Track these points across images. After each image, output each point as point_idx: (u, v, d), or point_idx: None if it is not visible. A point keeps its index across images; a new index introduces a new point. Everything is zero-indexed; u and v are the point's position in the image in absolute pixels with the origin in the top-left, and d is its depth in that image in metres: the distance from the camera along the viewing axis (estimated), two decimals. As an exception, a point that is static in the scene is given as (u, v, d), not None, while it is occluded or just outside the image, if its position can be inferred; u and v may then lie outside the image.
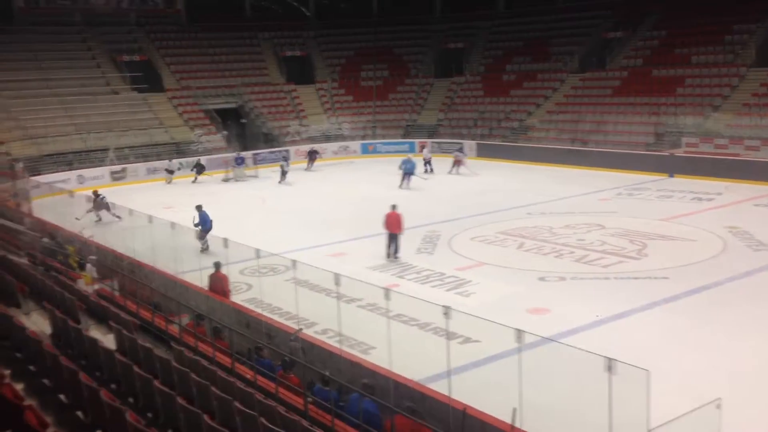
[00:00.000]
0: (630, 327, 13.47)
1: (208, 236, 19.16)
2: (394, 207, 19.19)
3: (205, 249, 18.91)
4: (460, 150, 35.45)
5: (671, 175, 29.87)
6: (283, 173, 32.95)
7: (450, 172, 32.96)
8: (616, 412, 7.64)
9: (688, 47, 36.64)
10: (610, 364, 7.30)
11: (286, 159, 35.16)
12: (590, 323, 13.51)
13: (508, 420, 8.26)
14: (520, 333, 8.32)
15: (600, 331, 13.18)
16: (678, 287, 15.44)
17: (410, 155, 31.67)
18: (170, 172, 34.56)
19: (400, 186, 29.27)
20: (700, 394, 10.13)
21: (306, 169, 36.13)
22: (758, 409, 10.17)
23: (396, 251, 18.76)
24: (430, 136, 41.70)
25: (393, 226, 18.78)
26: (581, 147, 34.60)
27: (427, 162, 34.22)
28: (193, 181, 33.49)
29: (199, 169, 34.54)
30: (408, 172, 29.55)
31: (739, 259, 17.55)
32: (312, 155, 37.29)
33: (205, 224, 20.01)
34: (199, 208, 20.49)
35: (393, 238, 18.77)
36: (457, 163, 33.44)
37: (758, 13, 35.15)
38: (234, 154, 35.71)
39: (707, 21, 36.51)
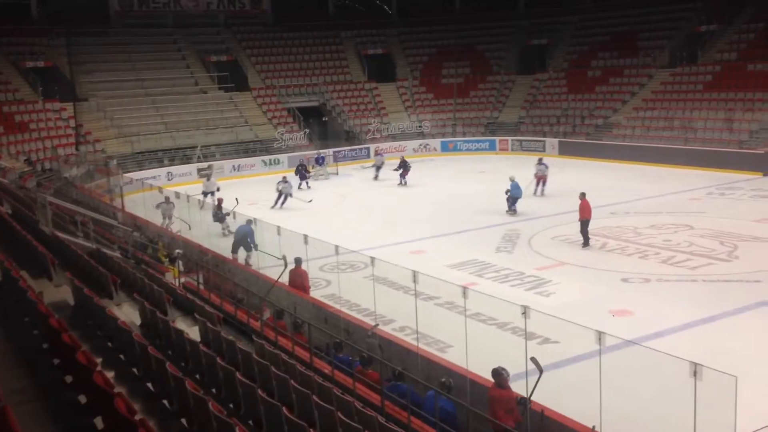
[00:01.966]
0: (719, 331, 12.98)
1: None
2: (584, 195, 19.41)
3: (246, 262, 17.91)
4: (541, 162, 27.78)
5: (766, 174, 28.54)
6: (283, 196, 26.79)
7: (535, 193, 26.50)
8: (702, 419, 7.40)
9: (786, 40, 34.92)
10: (695, 370, 7.09)
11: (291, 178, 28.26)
12: (675, 327, 13.08)
13: (587, 423, 8.11)
14: (601, 335, 8.16)
15: (686, 335, 12.75)
16: (771, 291, 14.78)
17: (514, 176, 24.22)
18: (209, 194, 25.78)
19: (509, 210, 23.84)
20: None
21: (400, 184, 31.17)
22: None
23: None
24: (512, 134, 41.24)
25: (589, 212, 19.24)
26: (669, 145, 33.43)
27: (379, 168, 33.04)
28: (299, 187, 30.32)
29: (303, 172, 31.22)
30: (515, 196, 23.76)
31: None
32: (403, 168, 31.28)
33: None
34: (249, 222, 18.22)
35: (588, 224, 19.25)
36: (541, 180, 27.03)
37: None
38: (315, 154, 36.18)
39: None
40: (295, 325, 11.31)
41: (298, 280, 14.33)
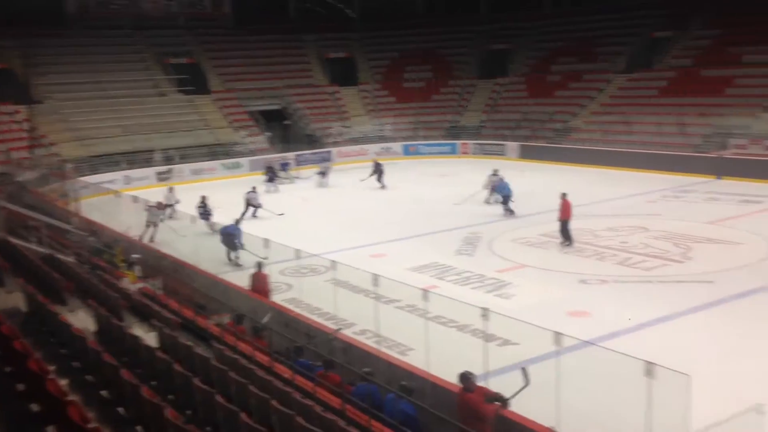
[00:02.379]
0: (672, 331, 13.22)
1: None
2: (565, 195, 19.53)
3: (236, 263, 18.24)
4: (496, 174, 26.00)
5: (719, 177, 29.20)
6: (251, 207, 24.75)
7: (488, 201, 25.69)
8: (656, 417, 7.54)
9: (739, 46, 35.75)
10: (649, 369, 7.22)
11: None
12: (631, 327, 13.30)
13: (546, 423, 8.20)
14: (558, 336, 8.28)
15: (641, 335, 12.96)
16: (723, 291, 15.11)
17: (501, 176, 24.78)
18: (169, 206, 23.66)
19: (510, 213, 23.57)
20: (744, 399, 9.93)
21: (382, 188, 31.08)
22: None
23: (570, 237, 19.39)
24: (473, 138, 41.57)
25: (569, 212, 19.33)
26: (626, 149, 33.99)
27: (324, 174, 32.88)
28: (266, 191, 30.04)
29: (271, 175, 31.91)
30: (506, 195, 23.64)
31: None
32: (378, 171, 31.40)
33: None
34: (237, 222, 19.24)
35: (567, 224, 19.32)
36: (495, 189, 25.25)
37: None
38: (280, 158, 36.00)
39: (761, 20, 35.43)
40: (254, 329, 11.22)
41: (260, 283, 14.24)
